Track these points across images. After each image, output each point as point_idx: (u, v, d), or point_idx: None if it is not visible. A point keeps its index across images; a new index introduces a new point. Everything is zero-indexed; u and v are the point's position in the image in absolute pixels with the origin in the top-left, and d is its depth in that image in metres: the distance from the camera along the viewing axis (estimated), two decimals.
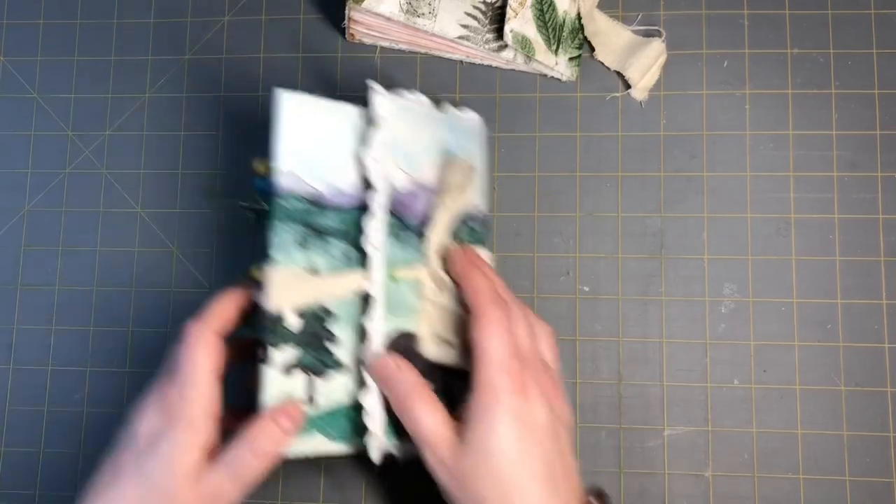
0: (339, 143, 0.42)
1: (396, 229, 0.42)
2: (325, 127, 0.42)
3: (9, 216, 0.53)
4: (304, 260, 0.40)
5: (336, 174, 0.42)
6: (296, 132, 0.41)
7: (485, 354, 0.36)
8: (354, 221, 0.42)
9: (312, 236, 0.41)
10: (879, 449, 0.47)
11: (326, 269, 0.41)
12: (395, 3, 0.48)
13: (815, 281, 0.48)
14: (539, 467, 0.35)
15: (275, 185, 0.40)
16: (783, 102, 0.50)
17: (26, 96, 0.54)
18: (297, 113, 0.41)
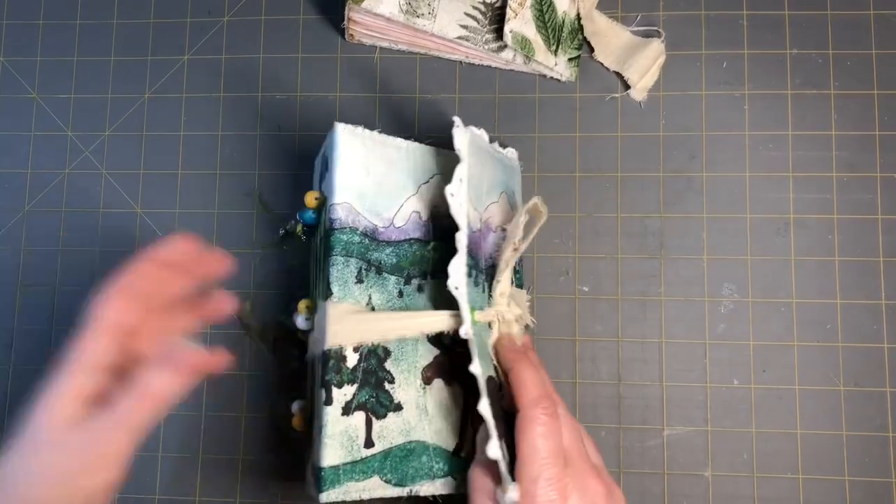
0: (393, 177, 0.41)
1: (471, 269, 0.40)
2: (381, 160, 0.41)
3: (9, 216, 0.53)
4: (361, 295, 0.40)
5: (389, 207, 0.41)
6: (352, 165, 0.40)
7: (525, 458, 0.34)
8: (409, 257, 0.41)
9: (369, 271, 0.40)
10: (879, 449, 0.47)
11: (382, 305, 0.40)
12: (394, 4, 0.48)
13: (815, 281, 0.48)
14: None
15: (332, 218, 0.40)
16: (782, 103, 0.50)
17: (26, 96, 0.54)
18: (353, 145, 0.41)
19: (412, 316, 0.40)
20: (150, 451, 0.49)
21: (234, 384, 0.50)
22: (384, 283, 0.40)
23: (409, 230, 0.42)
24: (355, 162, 0.41)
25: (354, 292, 0.39)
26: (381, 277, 0.40)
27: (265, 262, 0.51)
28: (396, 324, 0.40)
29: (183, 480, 0.49)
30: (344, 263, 0.39)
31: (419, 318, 0.40)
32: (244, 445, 0.49)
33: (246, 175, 0.52)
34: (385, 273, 0.41)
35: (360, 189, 0.41)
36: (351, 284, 0.39)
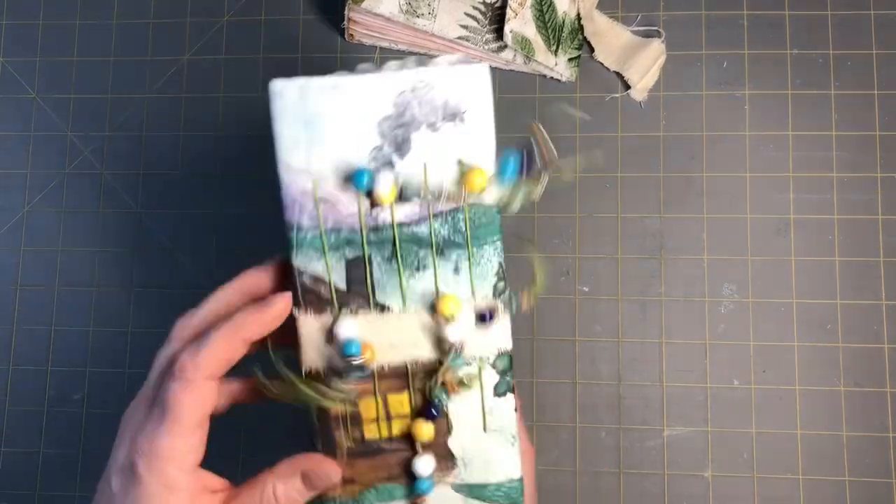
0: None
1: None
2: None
3: (9, 216, 0.53)
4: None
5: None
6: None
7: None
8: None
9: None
10: (879, 449, 0.47)
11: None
12: (394, 4, 0.48)
13: (815, 281, 0.48)
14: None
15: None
16: (783, 103, 0.50)
17: (26, 96, 0.54)
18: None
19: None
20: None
21: None
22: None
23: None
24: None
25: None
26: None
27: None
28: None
29: None
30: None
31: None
32: None
33: (246, 175, 0.52)
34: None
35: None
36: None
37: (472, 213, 0.32)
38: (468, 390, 0.34)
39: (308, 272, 0.33)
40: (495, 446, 0.34)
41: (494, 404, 0.34)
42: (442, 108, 0.32)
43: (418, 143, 0.32)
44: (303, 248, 0.33)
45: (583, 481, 0.48)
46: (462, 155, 0.32)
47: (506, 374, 0.34)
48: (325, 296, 0.33)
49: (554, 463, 0.48)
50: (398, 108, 0.32)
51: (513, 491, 0.34)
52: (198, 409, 0.30)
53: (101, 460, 0.52)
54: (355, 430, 0.34)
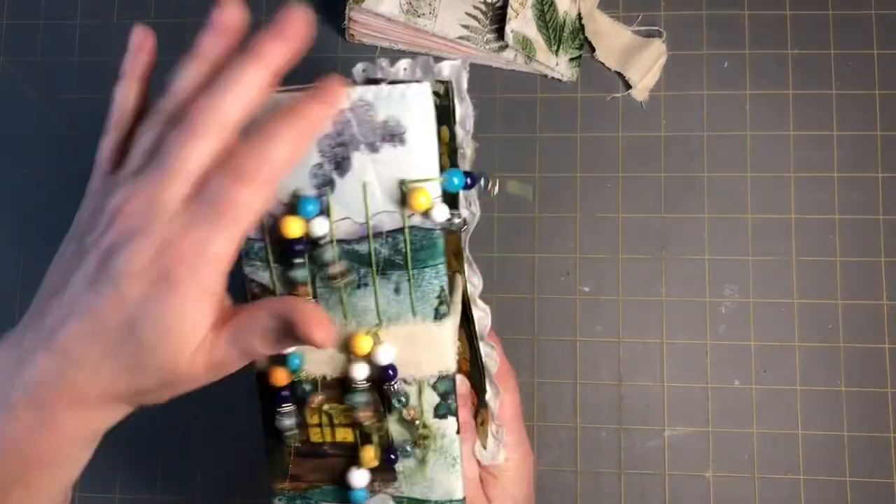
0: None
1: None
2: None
3: (9, 216, 0.53)
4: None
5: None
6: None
7: (514, 415, 0.39)
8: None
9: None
10: (880, 449, 0.47)
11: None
12: (395, 3, 0.48)
13: (816, 281, 0.48)
14: None
15: (454, 211, 0.32)
16: (783, 103, 0.50)
17: (26, 96, 0.54)
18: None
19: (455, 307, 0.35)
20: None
21: None
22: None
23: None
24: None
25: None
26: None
27: None
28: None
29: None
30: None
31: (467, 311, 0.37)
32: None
33: None
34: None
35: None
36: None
37: (414, 235, 0.32)
38: (431, 442, 0.34)
39: (256, 281, 0.33)
40: (435, 465, 0.34)
41: (435, 425, 0.34)
42: (381, 128, 0.31)
43: (358, 163, 0.31)
44: (250, 258, 0.33)
45: (583, 481, 0.48)
46: (404, 175, 0.31)
47: (447, 396, 0.34)
48: None
49: (554, 463, 0.48)
50: (337, 127, 0.31)
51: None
52: (258, 215, 0.27)
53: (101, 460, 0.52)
54: (304, 431, 0.34)
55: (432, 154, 0.31)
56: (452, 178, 0.31)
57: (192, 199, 0.25)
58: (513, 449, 0.37)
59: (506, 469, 0.37)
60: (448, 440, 0.34)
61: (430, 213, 0.31)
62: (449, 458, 0.34)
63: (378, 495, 0.35)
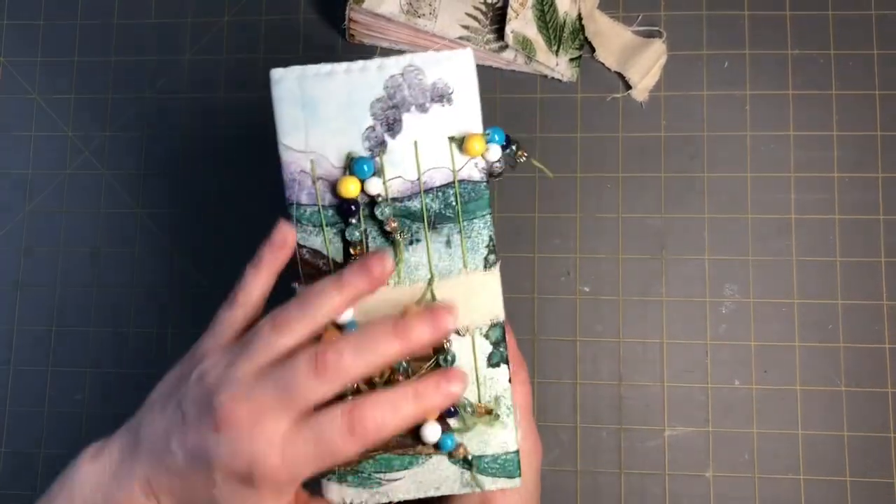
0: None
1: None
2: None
3: (9, 216, 0.53)
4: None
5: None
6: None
7: (525, 407, 0.39)
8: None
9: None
10: (880, 449, 0.47)
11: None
12: (395, 4, 0.48)
13: (816, 281, 0.48)
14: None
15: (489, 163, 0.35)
16: (784, 103, 0.50)
17: (26, 96, 0.54)
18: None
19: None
20: None
21: None
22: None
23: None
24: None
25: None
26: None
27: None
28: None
29: None
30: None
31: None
32: None
33: (246, 175, 0.52)
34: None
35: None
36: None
37: (462, 188, 0.34)
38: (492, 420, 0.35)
39: (307, 247, 0.35)
40: (490, 417, 0.35)
41: (488, 374, 0.35)
42: (430, 90, 0.34)
43: (409, 123, 0.34)
44: (302, 224, 0.35)
45: (584, 481, 0.48)
46: (451, 132, 0.34)
47: (499, 344, 0.35)
48: (325, 269, 0.35)
49: (555, 463, 0.48)
50: (389, 91, 0.34)
51: (508, 464, 0.35)
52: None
53: None
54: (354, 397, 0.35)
55: (477, 111, 0.34)
56: (496, 133, 0.34)
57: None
58: (523, 438, 0.38)
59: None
60: (502, 388, 0.35)
61: (485, 156, 0.34)
62: (503, 407, 0.35)
63: (433, 456, 0.35)
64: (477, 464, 0.35)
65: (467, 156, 0.34)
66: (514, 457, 0.35)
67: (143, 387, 0.54)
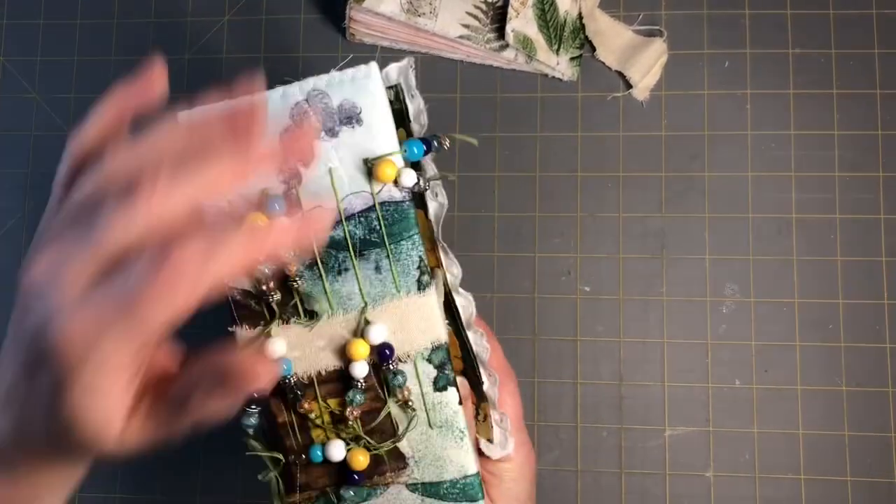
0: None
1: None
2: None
3: (9, 216, 0.53)
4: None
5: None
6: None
7: (516, 417, 0.39)
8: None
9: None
10: (881, 449, 0.47)
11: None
12: (395, 3, 0.48)
13: (817, 281, 0.48)
14: None
15: (407, 186, 0.33)
16: (784, 102, 0.50)
17: (26, 96, 0.54)
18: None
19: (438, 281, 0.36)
20: None
21: None
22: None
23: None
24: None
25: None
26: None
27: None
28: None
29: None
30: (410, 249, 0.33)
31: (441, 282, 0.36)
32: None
33: None
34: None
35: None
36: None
37: (385, 210, 0.33)
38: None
39: (238, 287, 0.33)
40: (443, 442, 0.34)
41: (436, 399, 0.34)
42: (337, 113, 0.32)
43: (321, 150, 0.32)
44: None
45: (584, 481, 0.48)
46: (366, 154, 0.32)
47: (443, 367, 0.34)
48: (256, 308, 0.33)
49: (555, 463, 0.48)
50: (295, 119, 0.32)
51: (468, 487, 0.34)
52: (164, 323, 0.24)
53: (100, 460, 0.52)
54: (304, 435, 0.34)
55: (390, 129, 0.32)
56: (413, 147, 0.33)
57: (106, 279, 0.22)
58: (515, 450, 0.37)
59: (508, 469, 0.38)
60: (451, 412, 0.34)
61: (399, 181, 0.32)
62: (456, 431, 0.34)
63: (392, 487, 0.34)
64: (436, 490, 0.34)
65: (380, 181, 0.32)
66: (474, 479, 0.34)
67: None
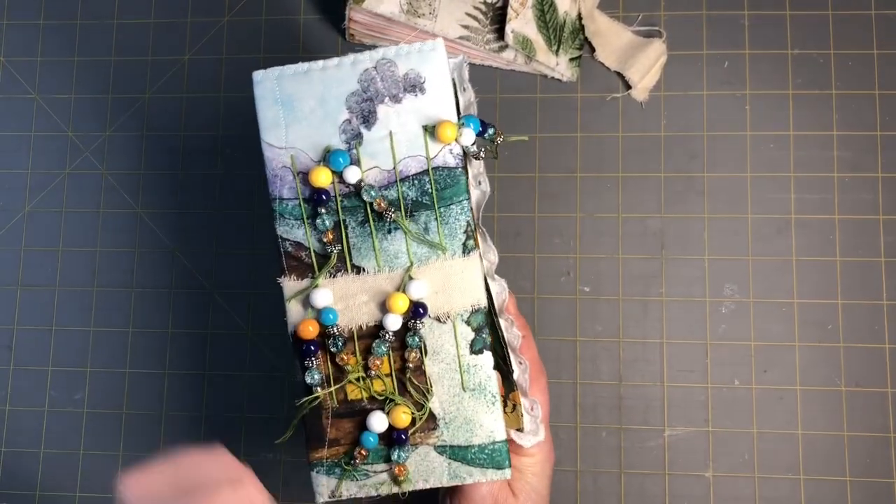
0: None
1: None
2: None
3: (9, 216, 0.53)
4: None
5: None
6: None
7: (546, 411, 0.39)
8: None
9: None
10: (880, 449, 0.47)
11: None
12: (395, 4, 0.48)
13: (816, 281, 0.48)
14: None
15: (460, 152, 0.35)
16: (784, 103, 0.50)
17: (26, 96, 0.54)
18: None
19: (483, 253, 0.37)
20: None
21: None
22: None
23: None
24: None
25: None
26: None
27: (264, 263, 0.51)
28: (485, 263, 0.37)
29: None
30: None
31: (489, 254, 0.38)
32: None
33: (247, 175, 0.52)
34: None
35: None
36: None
37: (437, 175, 0.35)
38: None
39: (290, 239, 0.35)
40: (475, 405, 0.35)
41: (471, 362, 0.35)
42: (403, 81, 0.34)
43: (383, 115, 0.34)
44: (284, 218, 0.35)
45: (583, 481, 0.48)
46: (425, 121, 0.34)
47: (481, 330, 0.35)
48: (307, 261, 0.35)
49: (555, 463, 0.48)
50: (363, 84, 0.34)
51: (496, 454, 0.35)
52: None
53: (101, 460, 0.52)
54: (339, 391, 0.35)
55: (450, 99, 0.34)
56: (470, 121, 0.35)
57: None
58: (538, 447, 0.37)
59: (531, 464, 0.38)
60: (486, 376, 0.35)
61: (458, 140, 0.34)
62: (488, 395, 0.35)
63: (420, 447, 0.35)
64: (464, 455, 0.35)
65: (440, 143, 0.34)
66: (503, 446, 0.35)
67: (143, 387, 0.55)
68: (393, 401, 0.35)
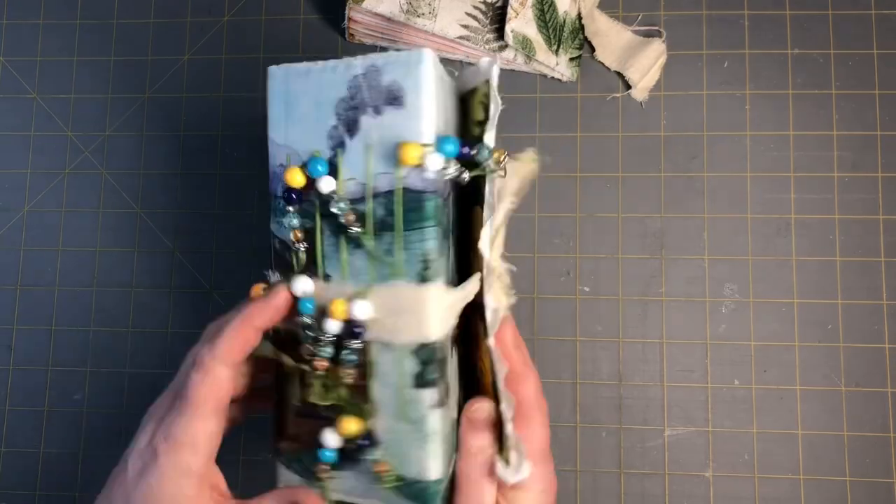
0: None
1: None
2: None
3: (9, 216, 0.53)
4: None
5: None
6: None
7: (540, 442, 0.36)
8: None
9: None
10: (880, 449, 0.47)
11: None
12: (395, 3, 0.48)
13: (816, 281, 0.48)
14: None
15: (427, 178, 0.33)
16: (783, 103, 0.50)
17: (26, 96, 0.54)
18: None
19: (466, 285, 0.34)
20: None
21: None
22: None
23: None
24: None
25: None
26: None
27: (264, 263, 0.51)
28: (461, 296, 0.34)
29: None
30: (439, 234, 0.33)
31: (469, 285, 0.35)
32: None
33: (247, 175, 0.52)
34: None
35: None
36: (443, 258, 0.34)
37: (405, 195, 0.32)
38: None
39: (278, 237, 0.35)
40: (408, 439, 0.33)
41: (412, 396, 0.33)
42: (385, 92, 0.33)
43: (365, 125, 0.33)
44: (276, 216, 0.35)
45: (583, 481, 0.48)
46: (401, 137, 0.32)
47: (427, 365, 0.33)
48: (288, 259, 0.35)
49: (555, 463, 0.48)
50: (351, 91, 0.33)
51: (423, 492, 0.33)
52: (213, 394, 0.32)
53: (101, 460, 0.52)
54: (304, 391, 0.35)
55: (428, 117, 0.32)
56: (445, 143, 0.32)
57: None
58: (533, 479, 0.35)
59: (523, 500, 0.35)
60: (421, 414, 0.33)
61: (424, 166, 0.31)
62: (421, 432, 0.33)
63: (362, 463, 0.34)
64: (397, 484, 0.34)
65: (403, 164, 0.32)
66: (433, 486, 0.33)
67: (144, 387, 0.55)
68: (344, 409, 0.34)
